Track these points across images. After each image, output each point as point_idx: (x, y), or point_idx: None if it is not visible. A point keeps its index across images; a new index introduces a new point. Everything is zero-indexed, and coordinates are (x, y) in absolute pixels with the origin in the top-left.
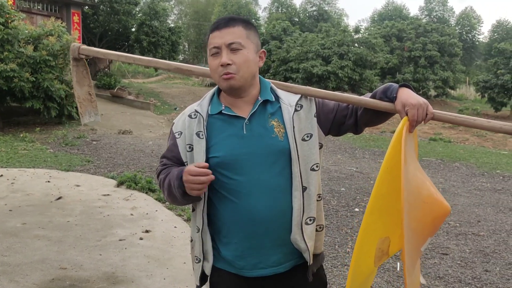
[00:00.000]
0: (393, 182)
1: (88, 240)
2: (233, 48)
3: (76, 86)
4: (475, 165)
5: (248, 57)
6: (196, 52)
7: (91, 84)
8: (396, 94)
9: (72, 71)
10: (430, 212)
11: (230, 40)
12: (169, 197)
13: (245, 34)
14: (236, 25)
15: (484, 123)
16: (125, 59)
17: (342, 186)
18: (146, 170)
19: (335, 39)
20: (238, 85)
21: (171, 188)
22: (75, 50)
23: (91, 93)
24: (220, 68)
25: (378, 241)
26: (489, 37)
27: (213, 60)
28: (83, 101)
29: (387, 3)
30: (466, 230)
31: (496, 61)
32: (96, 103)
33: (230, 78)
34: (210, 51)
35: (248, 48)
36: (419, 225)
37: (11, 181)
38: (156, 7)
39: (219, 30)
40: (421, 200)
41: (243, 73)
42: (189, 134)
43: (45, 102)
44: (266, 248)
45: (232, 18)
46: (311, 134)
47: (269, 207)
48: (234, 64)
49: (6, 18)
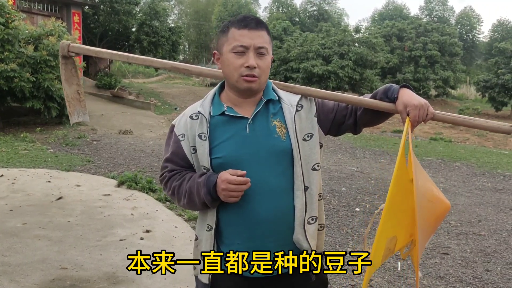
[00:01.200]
0: (402, 183)
1: (89, 240)
2: (260, 52)
3: (65, 85)
4: (475, 164)
5: (269, 63)
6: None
7: (79, 83)
8: (397, 95)
9: (61, 69)
10: (434, 210)
11: (260, 44)
12: (187, 204)
13: (269, 40)
14: (263, 29)
15: (483, 123)
16: (118, 58)
17: (342, 186)
18: (147, 170)
19: (335, 38)
20: (257, 88)
21: (192, 195)
22: (65, 48)
23: (80, 92)
24: (243, 69)
25: (387, 241)
26: (489, 37)
27: (236, 59)
28: (71, 100)
29: (388, 3)
30: (467, 229)
31: (496, 60)
32: (84, 102)
33: (253, 81)
34: (234, 48)
35: (270, 54)
36: (425, 224)
37: (12, 181)
38: (156, 7)
39: (248, 30)
40: (427, 199)
41: (264, 78)
42: (192, 135)
43: (46, 102)
44: (268, 248)
45: (260, 20)
46: (311, 134)
47: (272, 208)
48: (259, 68)
49: (7, 18)
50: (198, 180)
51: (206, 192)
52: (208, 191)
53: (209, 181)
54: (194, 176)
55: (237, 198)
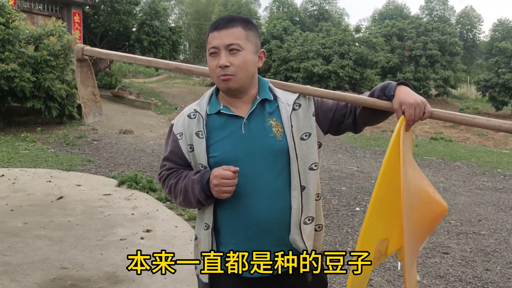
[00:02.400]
0: (391, 183)
1: (89, 239)
2: (232, 49)
3: (81, 87)
4: (476, 164)
5: (247, 59)
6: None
7: (95, 84)
8: (393, 93)
9: (76, 71)
10: (428, 212)
11: (229, 41)
12: (183, 202)
13: (244, 35)
14: (235, 26)
15: (483, 122)
16: (126, 59)
17: (343, 186)
18: (147, 169)
19: (335, 38)
20: (236, 87)
21: (187, 192)
22: (79, 51)
23: (96, 93)
24: (218, 69)
25: (377, 243)
26: (490, 36)
27: (211, 61)
28: (87, 101)
29: (388, 3)
30: (467, 229)
31: (497, 60)
32: (100, 103)
33: (228, 80)
34: (208, 51)
35: (247, 49)
36: (417, 226)
37: (12, 181)
38: (156, 7)
39: (218, 31)
40: (420, 200)
41: (241, 75)
42: (189, 134)
43: (46, 102)
44: (265, 248)
45: (231, 18)
46: (309, 133)
47: (268, 207)
48: (233, 66)
49: (7, 18)
50: (193, 177)
51: (200, 189)
52: (202, 188)
53: (203, 178)
54: (189, 174)
55: (229, 194)
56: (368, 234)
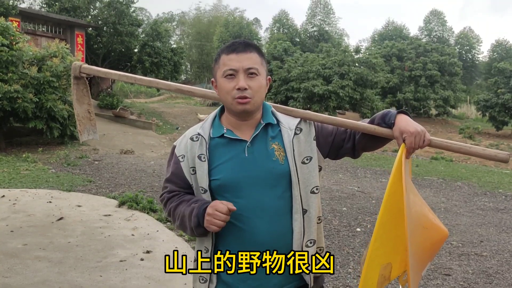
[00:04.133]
0: (394, 209)
1: (89, 261)
2: (250, 73)
3: (76, 104)
4: (477, 184)
5: (262, 83)
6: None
7: (90, 102)
8: (394, 121)
9: (73, 89)
10: (430, 237)
11: (249, 65)
12: (180, 226)
13: (260, 61)
14: (252, 51)
15: (479, 151)
16: (126, 79)
17: (343, 206)
18: (148, 190)
19: (335, 59)
20: (252, 109)
21: (184, 218)
22: (77, 69)
23: (90, 111)
24: (235, 91)
25: (381, 267)
26: (488, 56)
27: (228, 83)
28: (82, 119)
29: (387, 23)
30: (469, 250)
31: (496, 80)
32: (95, 121)
33: (246, 103)
34: (224, 73)
35: (262, 74)
36: (419, 250)
37: (13, 201)
38: (158, 28)
39: (236, 54)
40: (421, 226)
41: (257, 98)
42: (191, 157)
43: (48, 122)
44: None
45: (248, 43)
46: (311, 157)
47: (270, 230)
48: (250, 89)
49: (11, 40)
50: (193, 205)
51: (195, 214)
52: (197, 214)
53: (202, 206)
54: (190, 201)
55: (217, 228)
56: (373, 259)
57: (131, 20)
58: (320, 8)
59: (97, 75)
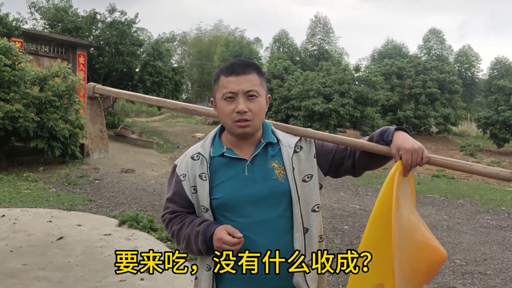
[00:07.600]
0: (386, 227)
1: (89, 281)
2: (250, 95)
3: (89, 123)
4: (479, 202)
5: (262, 105)
6: (199, 91)
7: (103, 122)
8: (391, 138)
9: (86, 108)
10: (425, 258)
11: (248, 88)
12: (185, 249)
13: (259, 82)
14: (252, 72)
15: (480, 169)
16: (135, 99)
17: (345, 224)
18: (148, 209)
19: (335, 77)
20: (251, 132)
21: (190, 242)
22: (90, 89)
23: (103, 130)
24: (234, 114)
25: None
26: (488, 74)
27: (227, 105)
28: (94, 138)
29: (387, 42)
30: (473, 268)
31: (496, 97)
32: (107, 140)
33: (246, 126)
34: (224, 95)
35: (261, 95)
36: (412, 272)
37: (13, 221)
38: (159, 48)
39: (236, 76)
40: (415, 246)
41: (257, 120)
42: (192, 176)
43: (49, 141)
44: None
45: (247, 63)
46: (311, 175)
47: (271, 249)
48: (250, 112)
49: (14, 60)
50: (196, 228)
51: (202, 241)
52: (204, 240)
53: (207, 231)
54: (194, 223)
55: None
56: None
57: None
58: (319, 27)
59: (109, 95)
